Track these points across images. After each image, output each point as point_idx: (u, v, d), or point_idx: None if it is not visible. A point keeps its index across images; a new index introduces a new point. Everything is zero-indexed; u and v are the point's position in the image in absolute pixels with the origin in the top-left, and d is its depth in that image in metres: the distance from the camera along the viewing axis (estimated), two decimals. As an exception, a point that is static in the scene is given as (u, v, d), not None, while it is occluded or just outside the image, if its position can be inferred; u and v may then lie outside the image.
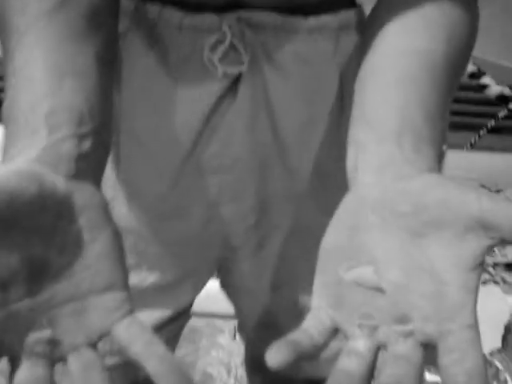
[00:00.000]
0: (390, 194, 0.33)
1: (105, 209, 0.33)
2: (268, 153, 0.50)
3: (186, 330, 1.51)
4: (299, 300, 0.58)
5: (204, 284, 0.60)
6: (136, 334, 0.31)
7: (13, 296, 0.30)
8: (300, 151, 0.51)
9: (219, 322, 1.36)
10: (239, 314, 0.65)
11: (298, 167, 0.52)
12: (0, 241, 0.29)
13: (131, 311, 0.33)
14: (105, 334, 0.32)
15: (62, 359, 0.31)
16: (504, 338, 1.51)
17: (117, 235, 0.33)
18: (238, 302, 0.64)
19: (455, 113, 2.33)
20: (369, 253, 0.33)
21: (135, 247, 0.53)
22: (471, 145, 2.13)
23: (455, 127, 2.21)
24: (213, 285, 0.66)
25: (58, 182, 0.31)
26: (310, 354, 0.31)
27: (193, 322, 1.46)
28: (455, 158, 1.73)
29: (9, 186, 0.28)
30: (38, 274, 0.31)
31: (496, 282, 1.71)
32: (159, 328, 0.57)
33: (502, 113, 1.67)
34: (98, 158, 0.35)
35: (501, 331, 1.49)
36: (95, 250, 0.32)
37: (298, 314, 0.59)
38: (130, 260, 0.51)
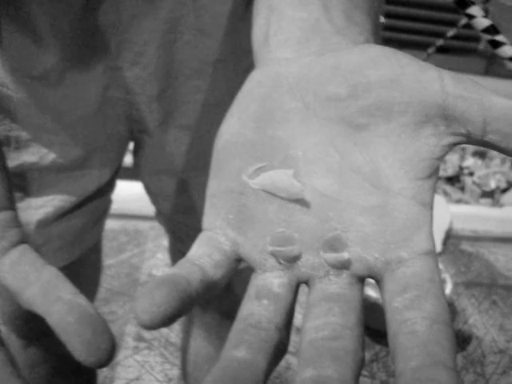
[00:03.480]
0: (316, 71, 0.24)
1: None
2: (178, 9, 0.42)
3: (131, 233, 1.48)
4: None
5: (115, 165, 0.54)
6: (30, 272, 0.23)
7: None
8: (215, 10, 0.43)
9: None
10: (154, 198, 0.60)
11: (211, 31, 0.44)
12: None
13: (20, 238, 0.24)
14: None
15: None
16: (444, 243, 1.58)
17: None
18: (149, 183, 0.58)
19: (406, 30, 2.31)
20: (285, 151, 0.24)
21: (28, 118, 0.46)
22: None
23: (405, 45, 2.19)
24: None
25: None
26: (203, 296, 0.22)
27: (137, 225, 1.45)
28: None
29: None
30: None
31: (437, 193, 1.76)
32: (64, 215, 0.52)
33: (451, 32, 1.66)
34: None
35: (442, 237, 1.55)
36: None
37: None
38: (25, 133, 0.45)
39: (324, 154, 0.24)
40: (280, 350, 0.20)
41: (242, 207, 0.24)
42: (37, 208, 0.49)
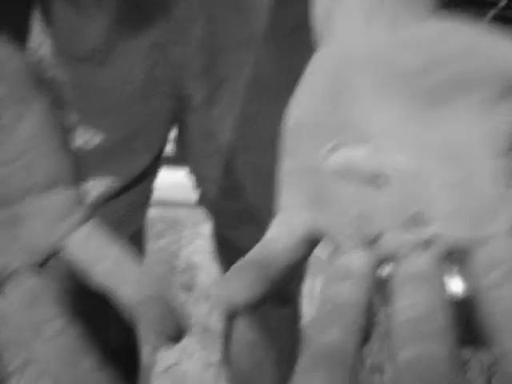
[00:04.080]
0: (388, 46, 0.24)
1: (29, 74, 0.24)
2: None
3: (169, 220, 1.50)
4: (262, 163, 0.54)
5: (158, 148, 0.54)
6: (99, 250, 0.23)
7: None
8: None
9: (201, 212, 1.34)
10: (199, 181, 0.60)
11: (254, 6, 0.43)
12: None
13: (87, 216, 0.24)
14: (52, 253, 0.23)
15: None
16: None
17: (50, 109, 0.25)
18: (195, 166, 0.58)
19: None
20: (359, 129, 0.23)
21: (73, 101, 0.46)
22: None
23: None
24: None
25: None
26: (284, 279, 0.21)
27: (175, 212, 1.45)
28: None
29: None
30: None
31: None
32: (110, 199, 0.52)
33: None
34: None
35: None
36: (22, 133, 0.24)
37: (262, 180, 0.55)
38: (71, 117, 0.45)
39: (401, 131, 0.23)
40: (366, 333, 0.20)
41: (318, 187, 0.23)
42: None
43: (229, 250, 0.66)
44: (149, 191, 0.59)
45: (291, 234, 0.22)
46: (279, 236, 0.22)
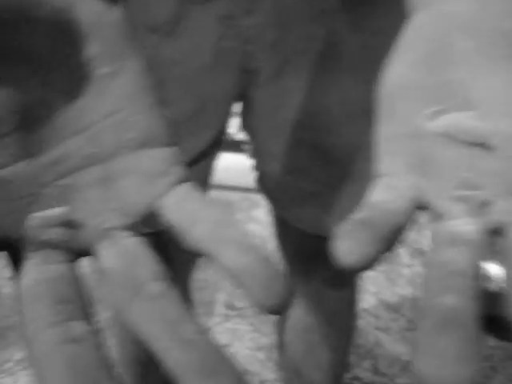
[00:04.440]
0: (490, 8, 0.23)
1: (126, 30, 0.23)
2: None
3: (221, 203, 1.51)
4: (329, 141, 0.53)
5: (221, 126, 0.54)
6: (196, 211, 0.22)
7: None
8: None
9: (255, 197, 1.34)
10: (262, 159, 0.59)
11: None
12: None
13: (183, 177, 0.23)
14: (148, 212, 0.22)
15: (87, 251, 0.21)
16: None
17: (145, 67, 0.24)
18: (260, 142, 0.57)
19: None
20: (464, 92, 0.22)
21: None
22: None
23: None
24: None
25: None
26: (391, 244, 0.20)
27: (228, 195, 1.46)
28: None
29: None
30: (37, 125, 0.21)
31: None
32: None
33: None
34: None
35: None
36: (119, 88, 0.23)
37: (327, 159, 0.54)
38: None
39: (508, 95, 0.22)
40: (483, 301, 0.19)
41: (421, 151, 0.22)
42: None
43: (290, 232, 0.66)
44: (209, 170, 0.60)
45: (400, 198, 0.21)
46: (387, 199, 0.21)
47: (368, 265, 0.19)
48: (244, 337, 1.12)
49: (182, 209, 0.22)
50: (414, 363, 0.17)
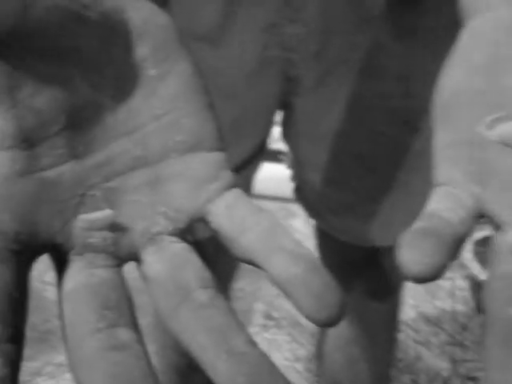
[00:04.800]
0: None
1: (175, 33, 0.23)
2: None
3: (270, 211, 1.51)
4: (371, 150, 0.52)
5: (263, 135, 0.54)
6: (246, 217, 0.21)
7: (46, 157, 0.20)
8: None
9: (293, 207, 1.34)
10: (301, 169, 0.59)
11: None
12: (17, 70, 0.19)
13: (233, 182, 0.22)
14: (196, 218, 0.22)
15: (133, 256, 0.21)
16: None
17: (196, 70, 0.23)
18: (300, 152, 0.57)
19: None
20: None
21: None
22: None
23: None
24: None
25: None
26: (453, 252, 0.19)
27: (266, 205, 1.46)
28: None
29: None
30: (84, 126, 0.21)
31: None
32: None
33: None
34: None
35: None
36: (168, 90, 0.22)
37: (367, 169, 0.53)
38: None
39: None
40: None
41: (480, 160, 0.21)
42: None
43: (330, 243, 0.65)
44: (251, 179, 0.60)
45: (462, 207, 0.21)
46: (448, 208, 0.20)
47: (434, 275, 0.18)
48: (282, 347, 1.12)
49: (230, 215, 0.21)
50: (488, 380, 0.16)
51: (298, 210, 1.44)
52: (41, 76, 0.19)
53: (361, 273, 0.63)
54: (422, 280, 0.18)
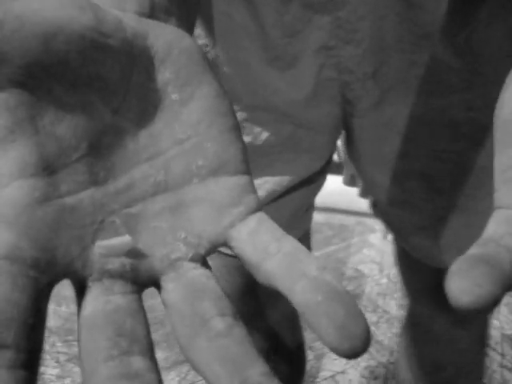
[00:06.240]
0: None
1: (200, 56, 0.23)
2: None
3: (336, 227, 1.50)
4: (433, 172, 0.51)
5: (326, 153, 0.53)
6: (269, 243, 0.20)
7: (66, 184, 0.20)
8: None
9: (370, 221, 1.32)
10: (370, 189, 0.58)
11: (427, 2, 0.41)
12: (39, 99, 0.19)
13: (257, 205, 0.22)
14: (218, 243, 0.21)
15: (152, 282, 0.21)
16: None
17: (221, 93, 0.23)
18: (364, 173, 0.56)
19: None
20: None
21: (244, 98, 0.47)
22: None
23: None
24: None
25: (126, 17, 0.21)
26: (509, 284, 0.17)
27: (343, 219, 1.45)
28: None
29: (47, 14, 0.18)
30: (105, 152, 0.21)
31: None
32: (275, 200, 0.51)
33: None
34: None
35: None
36: (190, 115, 0.22)
37: (433, 190, 0.52)
38: (239, 113, 0.47)
39: None
40: None
41: None
42: None
43: (411, 263, 0.64)
44: (313, 196, 0.59)
45: None
46: (508, 233, 0.19)
47: (486, 306, 0.16)
48: (359, 364, 1.10)
49: (253, 241, 0.21)
50: None
51: (375, 224, 1.42)
52: (62, 103, 0.19)
53: (445, 298, 0.62)
54: (471, 311, 0.16)
